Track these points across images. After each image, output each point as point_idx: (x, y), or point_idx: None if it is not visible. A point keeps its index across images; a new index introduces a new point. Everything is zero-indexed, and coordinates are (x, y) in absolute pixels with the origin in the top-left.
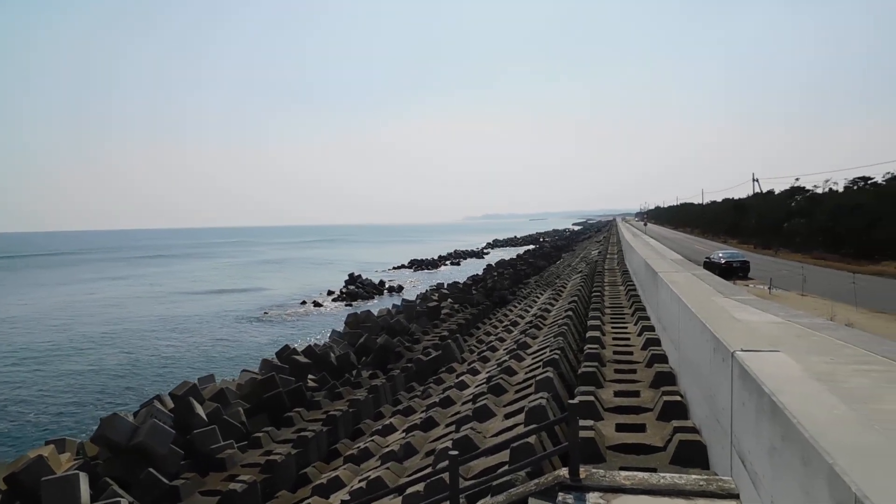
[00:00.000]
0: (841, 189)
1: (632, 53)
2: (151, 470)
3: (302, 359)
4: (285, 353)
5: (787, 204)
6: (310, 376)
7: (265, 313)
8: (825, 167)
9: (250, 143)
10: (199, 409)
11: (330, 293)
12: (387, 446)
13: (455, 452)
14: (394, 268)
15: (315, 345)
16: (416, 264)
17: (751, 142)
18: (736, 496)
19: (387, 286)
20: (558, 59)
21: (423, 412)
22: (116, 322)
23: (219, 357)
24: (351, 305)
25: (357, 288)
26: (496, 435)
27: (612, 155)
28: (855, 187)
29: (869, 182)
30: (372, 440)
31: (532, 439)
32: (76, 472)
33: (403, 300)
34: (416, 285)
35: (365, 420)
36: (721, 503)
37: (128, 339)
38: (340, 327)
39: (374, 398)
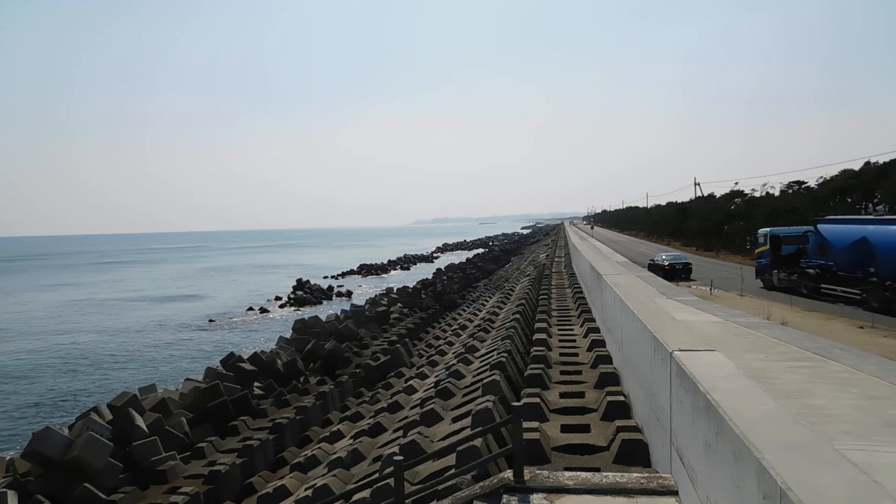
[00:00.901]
0: (777, 193)
1: (585, 58)
2: (87, 485)
3: (248, 366)
4: (230, 360)
5: (727, 207)
6: (256, 384)
7: (210, 321)
8: (764, 171)
9: (209, 146)
10: (139, 420)
11: (278, 299)
12: (334, 453)
13: (400, 458)
14: (343, 273)
15: (262, 352)
16: (366, 269)
17: (694, 147)
18: (675, 493)
19: (335, 291)
20: (511, 64)
21: (371, 418)
22: (52, 331)
23: (161, 366)
24: (299, 311)
25: (305, 293)
26: (443, 439)
27: (562, 159)
28: (790, 191)
29: (802, 186)
30: (319, 447)
31: (478, 442)
32: (4, 490)
33: (352, 305)
34: (365, 290)
35: (312, 427)
36: (661, 500)
37: (64, 349)
38: (288, 333)
39: (322, 405)
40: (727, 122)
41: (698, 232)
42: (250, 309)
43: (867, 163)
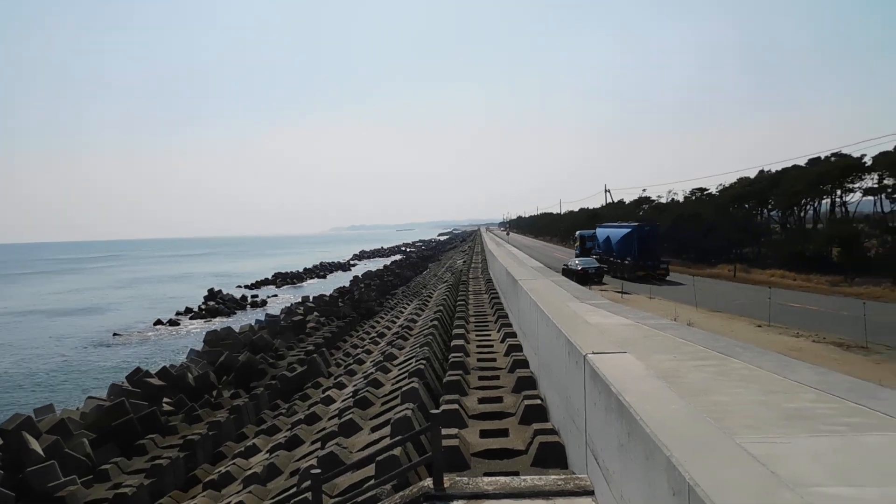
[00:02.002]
0: (682, 199)
1: (512, 65)
2: None
3: (156, 381)
4: (137, 376)
5: (636, 213)
6: (165, 400)
7: (115, 335)
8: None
9: (146, 152)
10: (35, 444)
11: (188, 311)
12: (249, 469)
13: (318, 471)
14: (257, 282)
15: (171, 366)
16: (281, 278)
17: (605, 156)
18: (591, 492)
19: (249, 301)
20: (435, 73)
21: (287, 430)
22: None
23: (60, 385)
24: (211, 322)
25: (217, 304)
26: (363, 449)
27: (480, 167)
28: (693, 198)
29: (704, 193)
30: (234, 463)
31: (397, 451)
32: None
33: (267, 315)
34: (280, 300)
35: (226, 443)
36: (577, 500)
37: None
38: (199, 346)
39: (236, 419)
40: (636, 133)
41: None
42: (158, 322)
43: (761, 171)
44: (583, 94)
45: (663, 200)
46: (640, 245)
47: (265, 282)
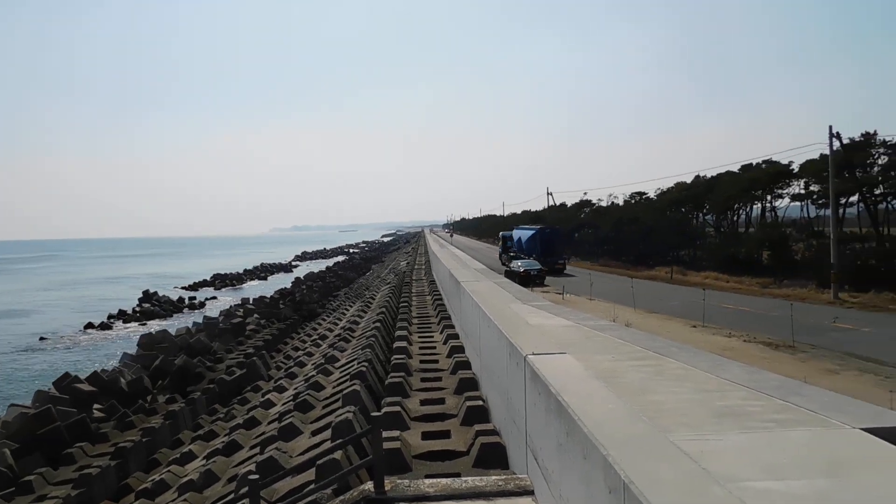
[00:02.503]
0: (621, 203)
1: (459, 68)
2: None
3: (86, 387)
4: (65, 381)
5: (578, 216)
6: (95, 406)
7: (42, 339)
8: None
9: (107, 151)
10: None
11: (121, 313)
12: (185, 476)
13: (256, 476)
14: (195, 283)
15: (102, 370)
16: (220, 279)
17: (548, 159)
18: (531, 492)
19: (187, 303)
20: (385, 75)
21: (226, 435)
22: None
23: None
24: (146, 325)
25: (153, 306)
26: (303, 453)
27: (423, 168)
28: (633, 201)
29: (643, 197)
30: (168, 470)
31: (338, 455)
32: None
33: (205, 317)
34: (219, 302)
35: (161, 449)
36: (518, 500)
37: None
38: (133, 350)
39: (172, 424)
40: (580, 138)
41: None
42: (90, 325)
43: (697, 177)
44: (528, 98)
45: (604, 204)
46: (543, 244)
47: (204, 283)
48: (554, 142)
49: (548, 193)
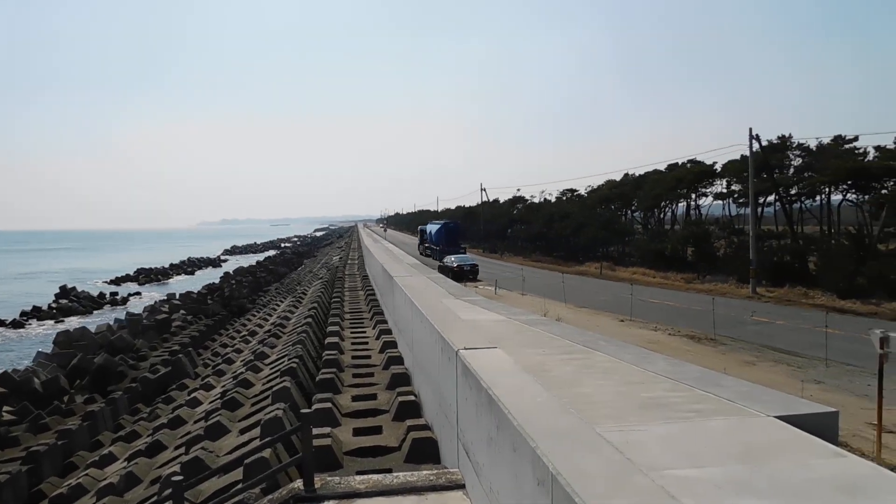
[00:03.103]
0: (553, 199)
1: (388, 63)
2: None
3: None
4: None
5: (511, 212)
6: (5, 408)
7: None
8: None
9: (13, 142)
10: None
11: (36, 310)
12: (104, 479)
13: (180, 477)
14: (118, 278)
15: (14, 370)
16: (144, 274)
17: (483, 155)
18: (462, 486)
19: (108, 299)
20: (310, 66)
21: (149, 436)
22: None
23: None
24: (63, 322)
25: (71, 302)
26: (230, 452)
27: (359, 162)
28: (564, 198)
29: (574, 194)
30: (86, 474)
31: (267, 453)
32: None
33: (128, 314)
34: (144, 297)
35: (78, 452)
36: (449, 494)
37: None
38: (49, 348)
39: (91, 426)
40: (512, 135)
41: (484, 235)
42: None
43: (626, 175)
44: (461, 95)
45: (537, 200)
46: (447, 236)
47: (127, 278)
48: (486, 139)
49: (481, 189)
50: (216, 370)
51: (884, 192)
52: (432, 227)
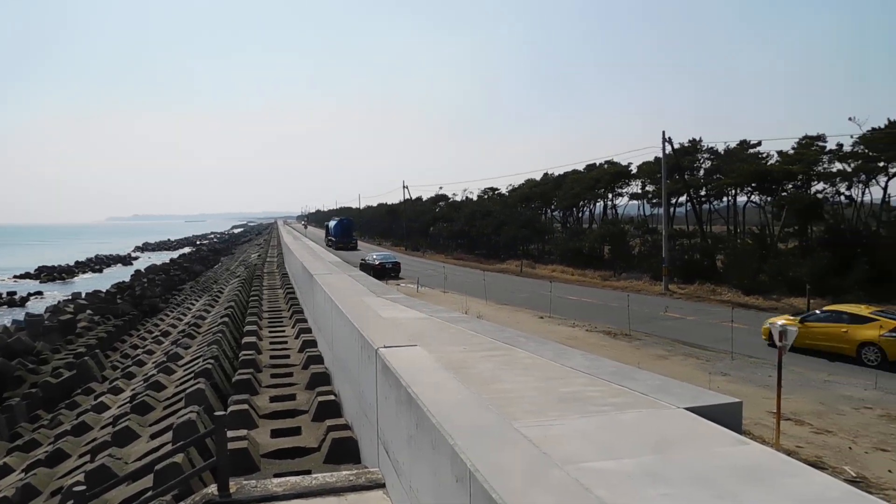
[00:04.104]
0: (475, 198)
1: (306, 58)
2: None
3: None
4: None
5: (433, 210)
6: None
7: None
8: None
9: None
10: None
11: None
12: None
13: (83, 487)
14: (16, 276)
15: None
16: (46, 272)
17: (403, 152)
18: (382, 485)
19: (5, 298)
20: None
21: (50, 444)
22: None
23: None
24: None
25: None
26: (140, 458)
27: (277, 159)
28: (486, 196)
29: (496, 192)
30: None
31: (179, 458)
32: None
33: (27, 314)
34: (46, 297)
35: None
36: (369, 494)
37: None
38: None
39: None
40: (434, 132)
41: (407, 232)
42: None
43: (546, 174)
44: (387, 93)
45: (459, 198)
46: (342, 230)
47: (26, 276)
48: (410, 138)
49: (403, 187)
50: (126, 373)
51: (784, 194)
52: (332, 223)
